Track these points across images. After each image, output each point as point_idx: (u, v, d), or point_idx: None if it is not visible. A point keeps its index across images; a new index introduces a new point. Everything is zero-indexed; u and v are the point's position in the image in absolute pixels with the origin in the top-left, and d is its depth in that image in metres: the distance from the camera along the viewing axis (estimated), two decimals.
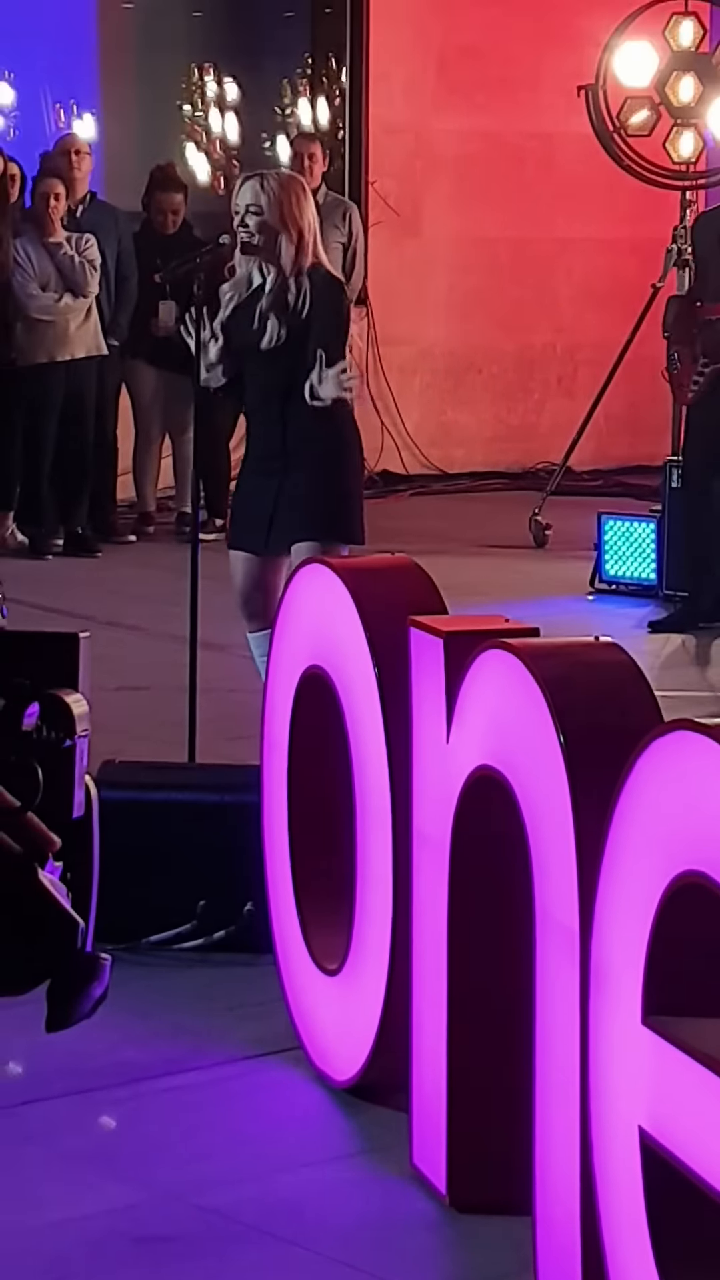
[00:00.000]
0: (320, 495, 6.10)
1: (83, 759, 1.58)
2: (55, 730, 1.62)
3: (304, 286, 6.10)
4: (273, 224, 6.11)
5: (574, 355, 13.37)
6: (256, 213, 6.13)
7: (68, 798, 1.54)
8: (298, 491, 6.10)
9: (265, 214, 6.11)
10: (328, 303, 6.13)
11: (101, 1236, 3.72)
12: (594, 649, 3.60)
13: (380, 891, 4.09)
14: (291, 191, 6.16)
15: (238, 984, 4.83)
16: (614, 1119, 3.16)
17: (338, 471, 6.14)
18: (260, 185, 6.16)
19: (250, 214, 6.14)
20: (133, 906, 5.05)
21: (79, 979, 1.47)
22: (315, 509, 6.08)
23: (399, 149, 13.05)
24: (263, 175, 6.30)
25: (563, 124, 12.00)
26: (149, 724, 6.81)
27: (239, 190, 6.25)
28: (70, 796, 1.52)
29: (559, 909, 3.33)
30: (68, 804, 1.55)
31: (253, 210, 6.13)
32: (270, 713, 4.60)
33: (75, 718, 1.62)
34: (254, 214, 6.13)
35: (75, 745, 1.59)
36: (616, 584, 9.68)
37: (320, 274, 6.15)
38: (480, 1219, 3.75)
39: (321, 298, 6.10)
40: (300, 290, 6.09)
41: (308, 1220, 3.78)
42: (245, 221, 6.16)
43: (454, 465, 13.24)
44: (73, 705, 1.62)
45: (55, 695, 1.67)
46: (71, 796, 1.52)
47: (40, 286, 10.41)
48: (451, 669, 3.75)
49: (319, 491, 6.10)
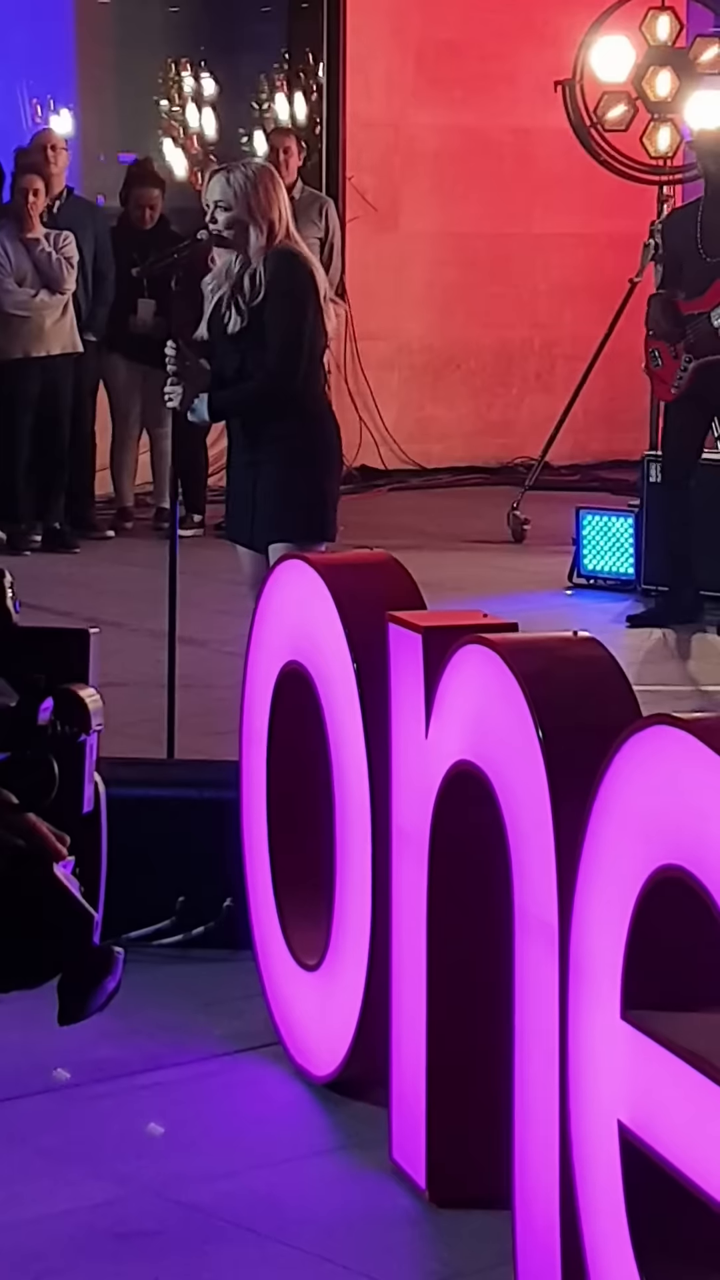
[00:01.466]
0: (291, 494, 6.06)
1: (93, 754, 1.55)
2: (69, 725, 1.57)
3: (258, 270, 6.06)
4: (241, 217, 6.10)
5: (552, 350, 13.38)
6: (225, 208, 6.12)
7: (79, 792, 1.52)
8: (270, 489, 6.06)
9: (233, 208, 6.11)
10: (284, 287, 6.06)
11: (81, 1233, 3.72)
12: (573, 644, 3.60)
13: (359, 887, 4.09)
14: (259, 182, 6.14)
15: (217, 980, 4.83)
16: (593, 1113, 3.16)
17: (310, 469, 6.09)
18: (226, 179, 6.15)
19: (219, 209, 6.13)
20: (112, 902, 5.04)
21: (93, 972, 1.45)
22: (288, 509, 6.04)
23: (376, 144, 13.05)
24: (228, 169, 6.27)
25: (540, 119, 12.01)
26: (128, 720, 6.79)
27: (207, 185, 6.25)
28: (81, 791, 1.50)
29: (538, 904, 3.33)
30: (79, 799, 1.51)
31: (220, 205, 6.13)
32: (249, 708, 4.60)
33: (90, 713, 1.57)
34: (222, 209, 6.13)
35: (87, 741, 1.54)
36: (595, 579, 9.69)
37: (275, 251, 6.07)
38: (460, 1213, 3.75)
39: (275, 278, 6.05)
40: (255, 274, 6.06)
41: (288, 1215, 3.78)
42: (215, 216, 6.16)
43: (432, 460, 13.24)
44: (87, 700, 1.61)
45: (70, 690, 1.66)
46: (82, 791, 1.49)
47: (17, 282, 10.39)
48: (430, 664, 3.75)
49: (290, 490, 6.06)
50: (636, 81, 10.61)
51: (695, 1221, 2.96)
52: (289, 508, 6.04)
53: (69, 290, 10.48)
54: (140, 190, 11.12)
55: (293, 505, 6.05)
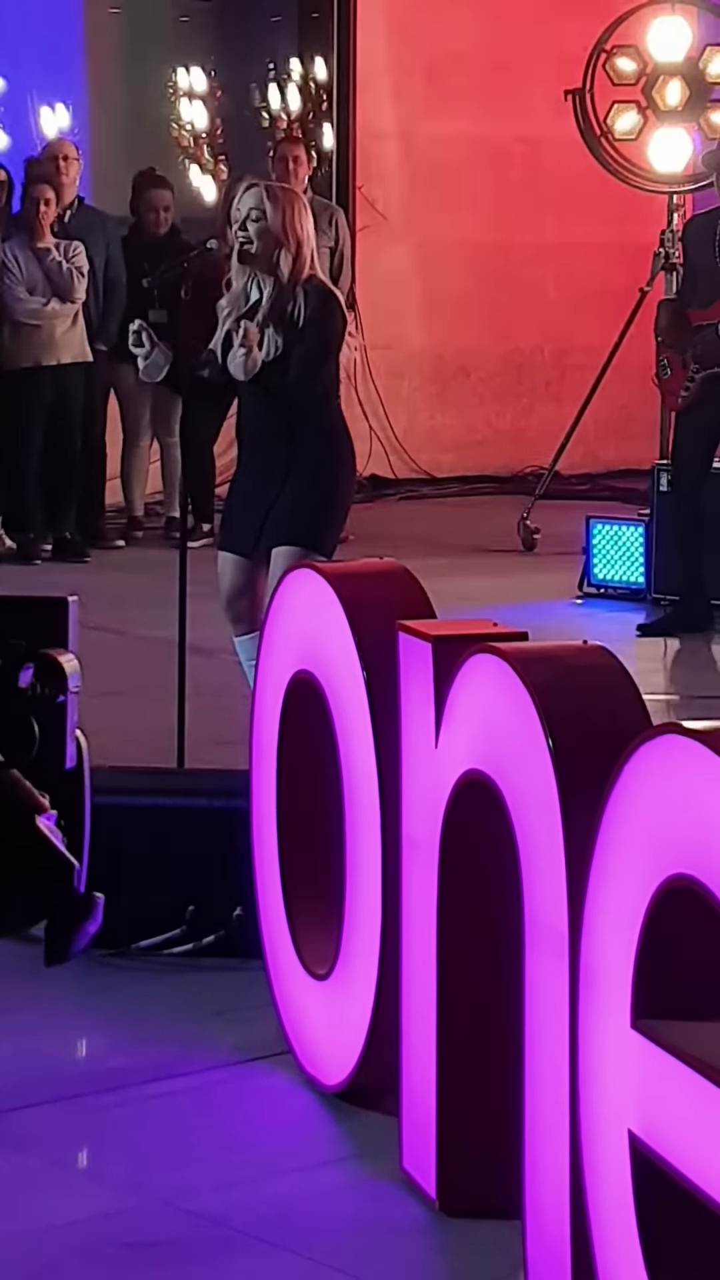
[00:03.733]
0: (311, 505, 6.15)
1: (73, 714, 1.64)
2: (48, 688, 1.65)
3: (299, 299, 6.11)
4: (275, 232, 6.12)
5: (562, 359, 13.38)
6: (258, 219, 6.13)
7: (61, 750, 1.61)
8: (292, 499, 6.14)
9: (268, 220, 6.12)
10: (320, 317, 6.14)
11: (90, 1242, 3.72)
12: (583, 653, 3.60)
13: (369, 896, 4.09)
14: (295, 204, 6.19)
15: (227, 989, 4.83)
16: (603, 1122, 3.16)
17: (332, 484, 6.20)
18: (266, 193, 6.17)
19: (251, 220, 6.14)
20: (122, 911, 5.04)
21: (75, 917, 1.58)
22: (302, 518, 6.13)
23: (387, 153, 13.06)
24: (267, 184, 6.33)
25: (550, 129, 12.01)
26: (138, 729, 6.81)
27: (241, 196, 6.25)
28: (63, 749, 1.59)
29: (548, 913, 3.33)
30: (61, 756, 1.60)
31: (254, 216, 6.14)
32: (259, 717, 4.60)
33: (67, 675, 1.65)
34: (254, 220, 6.14)
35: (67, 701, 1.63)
36: (605, 588, 9.69)
37: (315, 286, 6.16)
38: (470, 1223, 3.75)
39: (316, 312, 6.11)
40: (296, 302, 6.10)
41: (298, 1225, 3.77)
42: (245, 227, 6.16)
43: (442, 469, 13.25)
44: (65, 664, 1.69)
45: (49, 655, 1.74)
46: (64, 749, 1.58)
47: (28, 291, 10.41)
48: (440, 673, 3.75)
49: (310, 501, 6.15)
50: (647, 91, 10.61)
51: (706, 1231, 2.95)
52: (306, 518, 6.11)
53: (79, 299, 10.50)
54: (151, 193, 11.13)
55: (312, 515, 6.14)
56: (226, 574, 6.31)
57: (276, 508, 6.14)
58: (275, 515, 6.14)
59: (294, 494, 6.14)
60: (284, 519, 6.12)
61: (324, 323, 6.17)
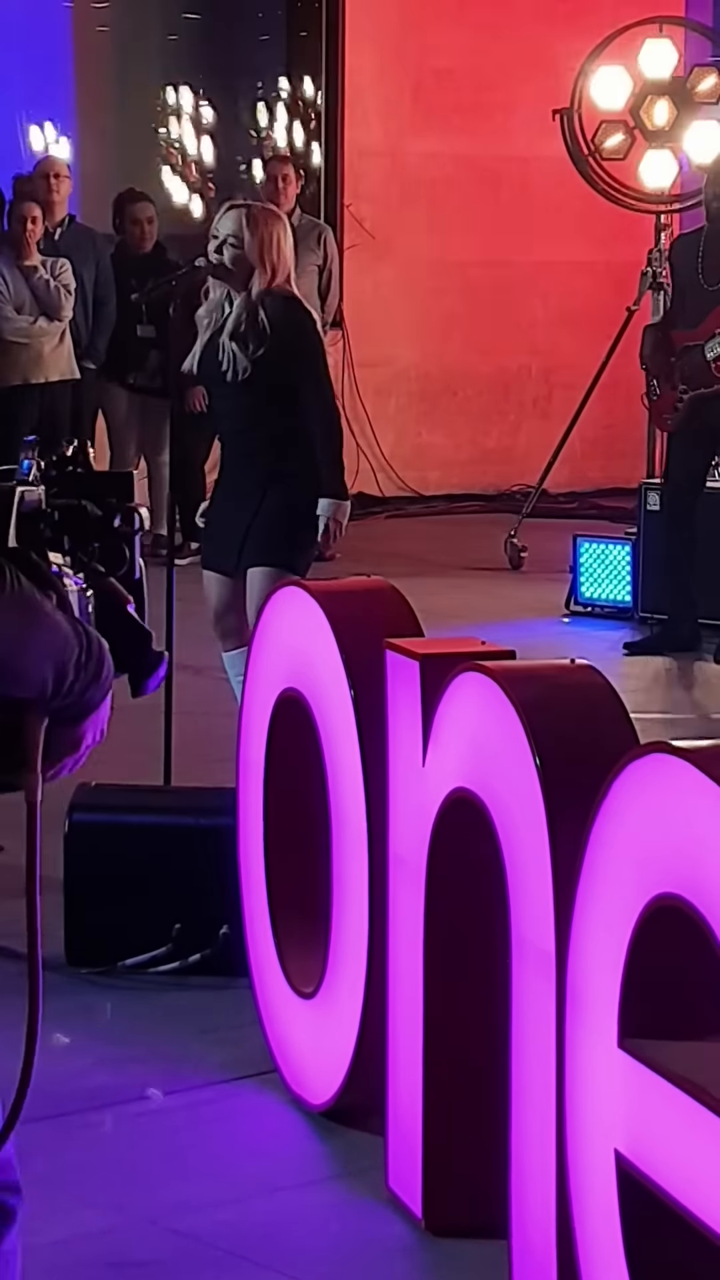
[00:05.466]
0: (286, 526, 6.18)
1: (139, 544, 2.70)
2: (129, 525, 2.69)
3: (261, 315, 6.11)
4: (250, 258, 6.13)
5: (549, 378, 13.40)
6: (235, 245, 6.14)
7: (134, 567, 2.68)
8: (269, 516, 6.17)
9: (244, 248, 6.13)
10: (290, 325, 6.14)
11: (74, 1262, 3.71)
12: (570, 671, 3.60)
13: (356, 914, 4.08)
14: (274, 228, 6.18)
15: (213, 1007, 4.82)
16: (590, 1142, 3.15)
17: (309, 506, 6.21)
18: (245, 218, 6.16)
19: (229, 245, 6.15)
20: (108, 929, 5.04)
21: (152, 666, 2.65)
22: (278, 539, 6.16)
23: (374, 172, 13.08)
24: (248, 206, 6.32)
25: (538, 147, 12.03)
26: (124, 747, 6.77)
27: (221, 217, 6.25)
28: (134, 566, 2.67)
29: (535, 932, 3.33)
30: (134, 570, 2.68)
31: (232, 242, 6.14)
32: (246, 735, 4.60)
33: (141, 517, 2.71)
34: (232, 245, 6.15)
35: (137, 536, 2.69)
36: (592, 606, 9.70)
37: (274, 297, 6.14)
38: (456, 1242, 3.74)
39: (280, 321, 6.11)
40: (258, 319, 6.10)
41: (283, 1244, 3.76)
42: (221, 250, 6.17)
43: (429, 488, 13.25)
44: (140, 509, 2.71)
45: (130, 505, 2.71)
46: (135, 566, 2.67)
47: (15, 309, 10.41)
48: (427, 692, 3.75)
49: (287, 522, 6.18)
50: (634, 111, 10.64)
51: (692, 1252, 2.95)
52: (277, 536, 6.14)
53: (66, 317, 10.50)
54: (131, 206, 11.12)
55: (281, 534, 6.18)
56: (212, 591, 6.35)
57: (255, 526, 6.17)
58: (254, 534, 6.17)
59: (270, 514, 6.17)
60: (261, 539, 6.17)
61: (313, 346, 6.22)
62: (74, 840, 5.08)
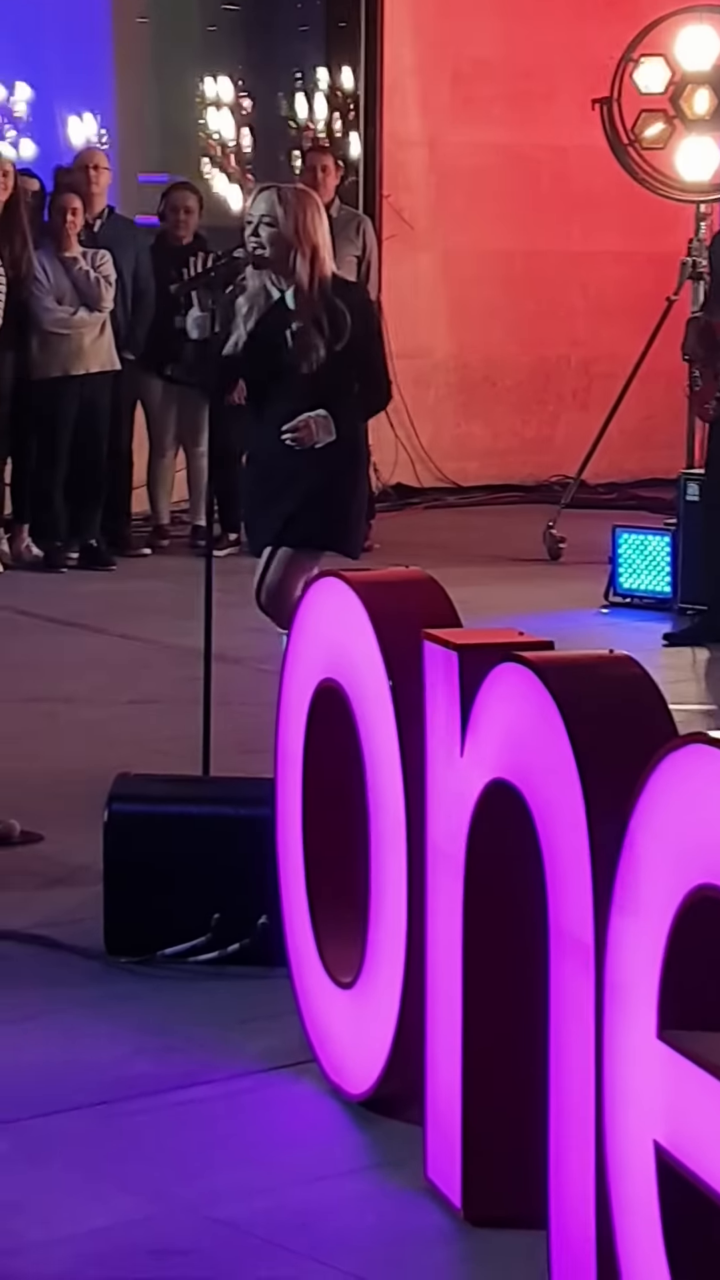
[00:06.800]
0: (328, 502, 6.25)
1: None
2: None
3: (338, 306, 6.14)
4: (286, 236, 6.13)
5: (589, 368, 13.37)
6: (270, 224, 6.14)
7: None
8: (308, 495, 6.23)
9: (279, 226, 6.13)
10: (360, 306, 6.25)
11: (114, 1250, 3.72)
12: (608, 662, 3.60)
13: (394, 904, 4.09)
14: (307, 206, 6.18)
15: (251, 997, 4.83)
16: (629, 1133, 3.15)
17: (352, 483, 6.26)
18: (276, 197, 6.18)
19: (264, 224, 6.15)
20: (147, 919, 5.05)
21: None
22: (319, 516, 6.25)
23: (413, 162, 13.06)
24: (279, 187, 6.33)
25: (577, 137, 12.01)
26: (163, 737, 6.82)
27: (254, 200, 6.27)
28: None
29: (573, 923, 3.33)
30: None
31: (266, 221, 6.15)
32: (284, 726, 4.60)
33: None
34: (267, 225, 6.15)
35: None
36: (631, 597, 9.68)
37: (357, 293, 6.27)
38: (495, 1233, 3.74)
39: (363, 318, 6.19)
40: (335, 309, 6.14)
41: (322, 1234, 3.77)
42: (257, 231, 6.17)
43: (468, 478, 13.24)
44: None
45: None
46: None
47: (56, 301, 10.43)
48: (466, 683, 3.75)
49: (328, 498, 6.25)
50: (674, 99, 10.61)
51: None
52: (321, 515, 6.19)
53: (107, 308, 10.52)
54: (174, 194, 11.13)
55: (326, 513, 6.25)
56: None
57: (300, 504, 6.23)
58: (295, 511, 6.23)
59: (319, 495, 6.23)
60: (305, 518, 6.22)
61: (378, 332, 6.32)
62: (113, 830, 5.09)
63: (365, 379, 6.26)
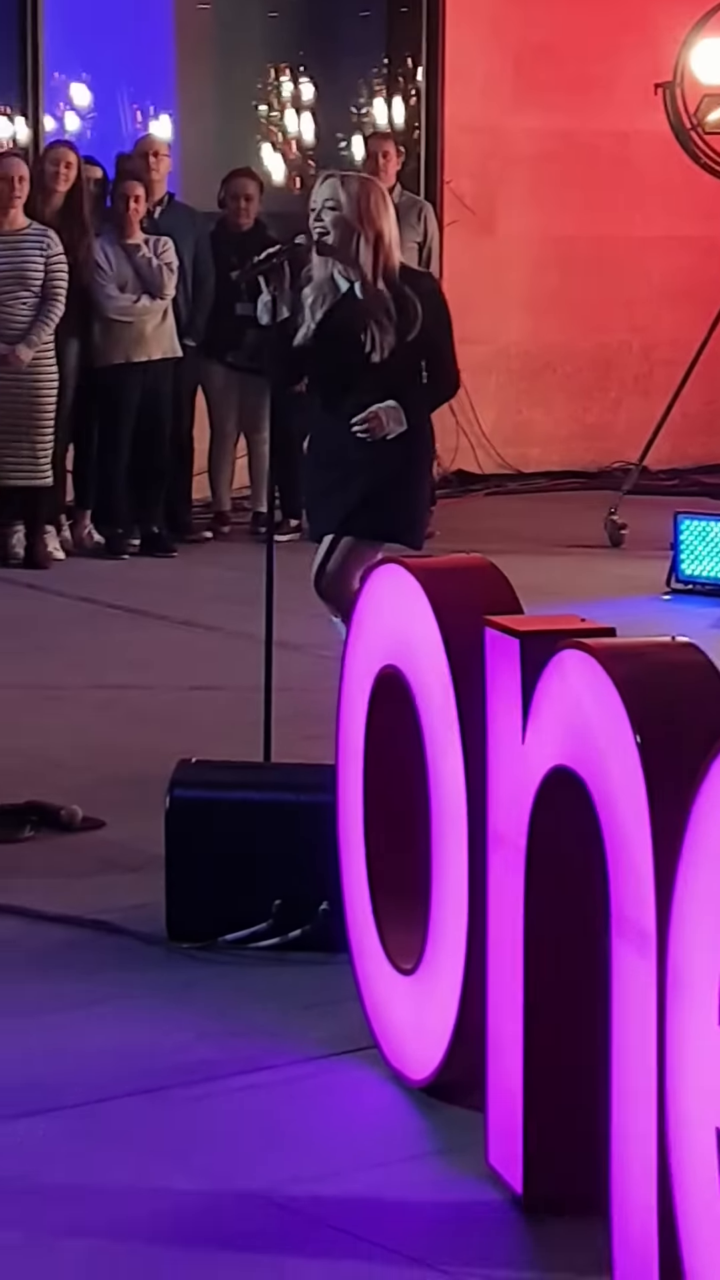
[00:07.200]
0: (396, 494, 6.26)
1: None
2: None
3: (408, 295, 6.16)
4: (350, 221, 6.12)
5: (651, 354, 13.33)
6: (333, 208, 6.14)
7: None
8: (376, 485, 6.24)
9: (343, 210, 6.12)
10: (431, 296, 6.26)
11: (180, 1233, 3.74)
12: (671, 649, 3.59)
13: (456, 891, 4.09)
14: (371, 193, 6.18)
15: (313, 983, 4.84)
16: (691, 1120, 3.15)
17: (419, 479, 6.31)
18: (341, 183, 6.19)
19: (327, 209, 6.15)
20: (209, 905, 5.07)
21: None
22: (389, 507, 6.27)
23: (475, 148, 13.03)
24: (344, 174, 6.34)
25: (640, 122, 11.97)
26: (225, 723, 6.83)
27: (318, 187, 6.26)
28: None
29: (635, 910, 3.32)
30: None
31: (329, 205, 6.15)
32: (345, 712, 4.61)
33: None
34: (330, 209, 6.15)
35: None
36: (693, 584, 9.65)
37: (427, 282, 6.30)
38: (556, 1219, 3.75)
39: (433, 308, 6.21)
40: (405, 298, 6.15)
41: (383, 1218, 3.78)
42: (321, 217, 6.17)
43: (530, 465, 13.22)
44: None
45: None
46: None
47: (119, 288, 10.45)
48: (527, 669, 3.75)
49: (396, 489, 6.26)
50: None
51: None
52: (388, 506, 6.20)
53: (169, 295, 10.54)
54: (234, 181, 11.13)
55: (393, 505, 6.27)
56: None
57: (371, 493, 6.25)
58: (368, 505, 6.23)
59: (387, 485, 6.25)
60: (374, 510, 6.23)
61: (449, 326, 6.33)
62: (175, 817, 5.11)
63: (434, 369, 6.26)
